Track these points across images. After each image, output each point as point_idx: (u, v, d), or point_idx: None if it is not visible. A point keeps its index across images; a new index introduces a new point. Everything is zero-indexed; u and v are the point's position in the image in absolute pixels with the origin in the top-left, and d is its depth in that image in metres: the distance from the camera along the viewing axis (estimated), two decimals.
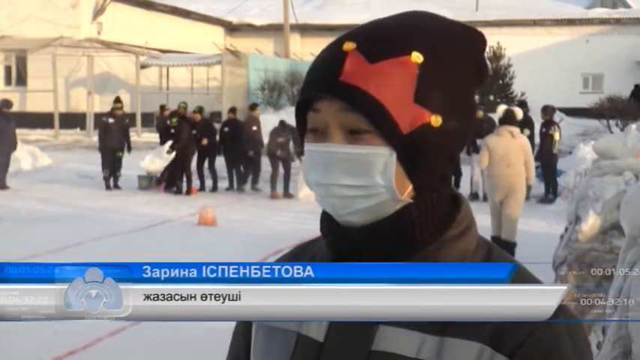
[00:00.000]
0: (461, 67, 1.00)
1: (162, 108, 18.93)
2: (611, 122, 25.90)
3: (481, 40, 1.04)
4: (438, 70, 0.97)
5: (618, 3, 36.97)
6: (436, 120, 0.96)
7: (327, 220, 1.04)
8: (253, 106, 15.54)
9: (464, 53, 1.01)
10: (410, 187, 0.98)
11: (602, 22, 33.66)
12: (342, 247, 1.01)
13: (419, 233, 0.99)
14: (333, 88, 0.96)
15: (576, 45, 33.16)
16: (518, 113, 8.82)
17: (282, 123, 14.20)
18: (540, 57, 32.49)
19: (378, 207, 0.98)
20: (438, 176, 1.01)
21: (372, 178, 0.96)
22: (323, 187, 0.99)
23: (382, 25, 1.01)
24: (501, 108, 8.95)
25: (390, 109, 0.94)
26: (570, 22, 33.85)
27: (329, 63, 0.98)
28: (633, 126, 6.96)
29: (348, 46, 0.97)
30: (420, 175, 0.98)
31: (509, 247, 8.22)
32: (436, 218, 1.00)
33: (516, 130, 8.56)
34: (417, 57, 0.96)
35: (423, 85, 0.96)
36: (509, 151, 8.31)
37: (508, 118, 8.53)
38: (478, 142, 10.92)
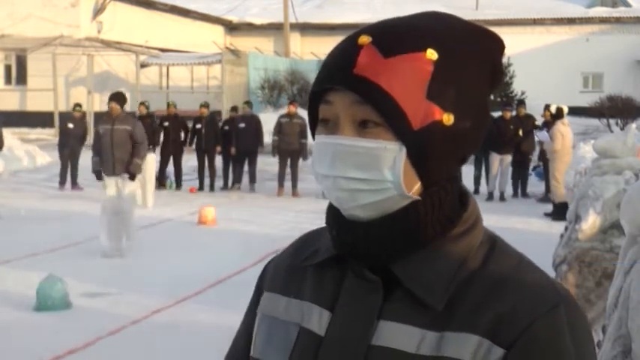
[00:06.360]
0: (476, 69, 0.99)
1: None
2: (611, 121, 25.94)
3: (499, 45, 1.04)
4: (453, 68, 0.96)
5: (618, 2, 36.90)
6: (448, 118, 0.95)
7: (332, 213, 1.03)
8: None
9: (480, 55, 1.00)
10: (418, 184, 0.97)
11: (603, 21, 33.62)
12: (346, 241, 1.00)
13: (424, 230, 0.98)
14: (346, 80, 0.96)
15: (576, 44, 33.14)
16: (565, 109, 12.57)
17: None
18: (540, 56, 32.46)
19: (385, 202, 0.97)
20: (447, 175, 1.00)
21: (380, 173, 0.95)
22: (329, 180, 0.98)
23: (399, 21, 1.01)
24: (554, 106, 12.85)
25: (401, 103, 0.94)
26: (570, 21, 33.83)
27: (343, 55, 0.98)
28: (633, 125, 6.95)
29: (364, 39, 0.97)
30: (428, 173, 0.97)
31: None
32: (442, 216, 0.99)
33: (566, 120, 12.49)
34: (431, 54, 0.95)
35: (436, 82, 0.95)
36: (568, 134, 12.13)
37: (562, 113, 12.38)
38: (537, 140, 13.50)
